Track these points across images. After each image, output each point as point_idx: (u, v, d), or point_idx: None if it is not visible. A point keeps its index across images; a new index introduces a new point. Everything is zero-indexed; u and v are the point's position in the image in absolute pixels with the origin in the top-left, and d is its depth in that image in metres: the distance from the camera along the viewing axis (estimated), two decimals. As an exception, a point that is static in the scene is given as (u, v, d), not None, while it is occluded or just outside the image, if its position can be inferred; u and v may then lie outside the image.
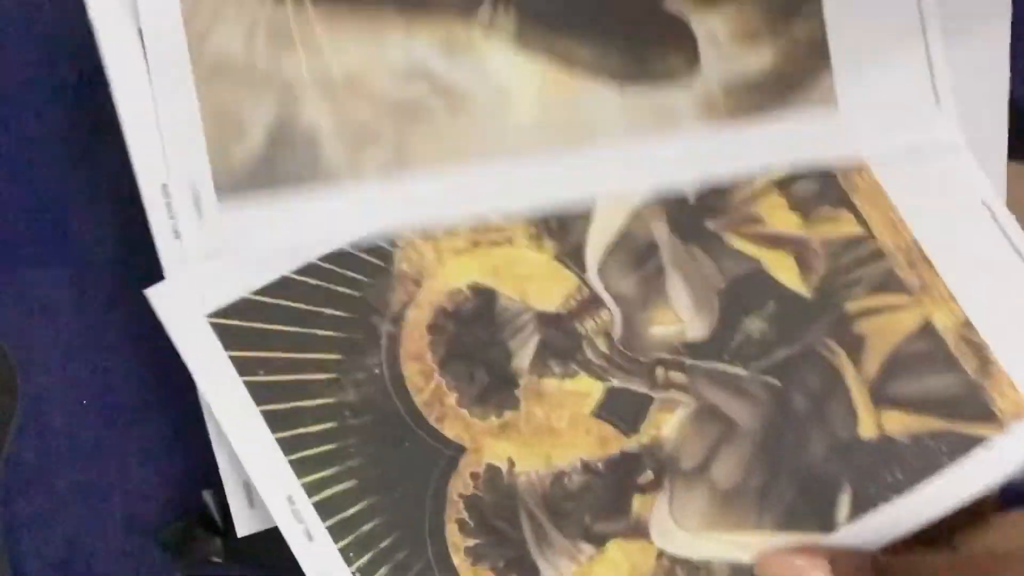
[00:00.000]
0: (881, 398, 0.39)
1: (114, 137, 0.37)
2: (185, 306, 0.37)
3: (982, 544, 0.37)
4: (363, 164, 0.38)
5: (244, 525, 0.37)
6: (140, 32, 0.36)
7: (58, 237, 0.41)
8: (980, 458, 0.38)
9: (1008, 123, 0.42)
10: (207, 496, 0.40)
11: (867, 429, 0.39)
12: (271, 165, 0.38)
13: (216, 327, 0.37)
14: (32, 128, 0.41)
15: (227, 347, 0.37)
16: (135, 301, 0.37)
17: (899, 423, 0.39)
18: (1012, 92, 0.42)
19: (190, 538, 0.38)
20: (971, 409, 0.39)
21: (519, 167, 0.39)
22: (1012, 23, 0.42)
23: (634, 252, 0.40)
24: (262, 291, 0.38)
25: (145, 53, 0.36)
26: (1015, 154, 0.42)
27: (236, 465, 0.37)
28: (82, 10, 0.36)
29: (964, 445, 0.39)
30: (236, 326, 0.37)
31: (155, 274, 0.37)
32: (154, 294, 0.37)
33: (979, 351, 0.40)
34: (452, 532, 0.37)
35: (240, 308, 0.37)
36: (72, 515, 0.39)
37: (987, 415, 0.39)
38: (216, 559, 0.39)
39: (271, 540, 0.36)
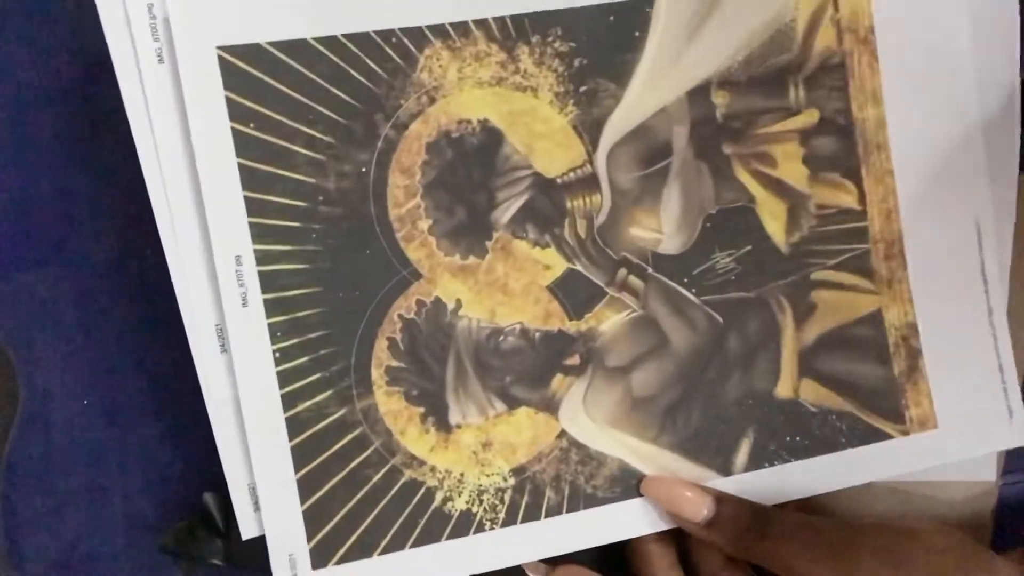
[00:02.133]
0: (807, 366, 0.41)
1: (114, 137, 0.35)
2: (199, 29, 0.35)
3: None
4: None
5: (248, 528, 0.37)
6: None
7: (59, 238, 0.39)
8: (876, 453, 0.41)
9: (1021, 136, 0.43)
10: (208, 498, 0.39)
11: (783, 389, 0.41)
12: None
13: (223, 61, 0.35)
14: (31, 128, 0.39)
15: (227, 86, 0.35)
16: (136, 302, 0.36)
17: (814, 393, 0.41)
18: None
19: (191, 540, 0.38)
20: (885, 405, 0.41)
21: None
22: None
23: (647, 148, 0.39)
24: (278, 44, 0.36)
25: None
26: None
27: (242, 469, 0.36)
28: (81, 9, 0.35)
29: (866, 435, 0.41)
30: (242, 68, 0.36)
31: (156, 274, 0.36)
32: (174, 6, 0.35)
33: (913, 356, 0.42)
34: (380, 347, 0.37)
35: (252, 52, 0.36)
36: (73, 515, 0.39)
37: (897, 417, 0.42)
38: (216, 561, 0.38)
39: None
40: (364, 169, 0.37)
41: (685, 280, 0.40)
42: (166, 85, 0.35)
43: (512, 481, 0.38)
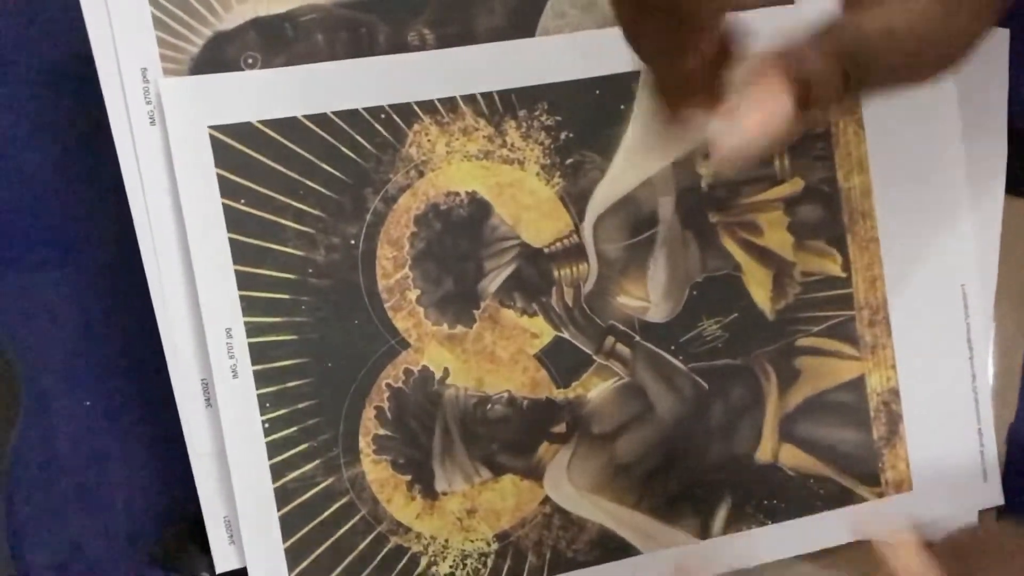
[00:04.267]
0: (788, 431, 0.42)
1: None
2: (191, 108, 0.36)
3: None
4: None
5: (224, 561, 0.37)
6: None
7: (60, 240, 0.40)
8: (850, 515, 0.42)
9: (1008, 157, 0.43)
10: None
11: (763, 454, 0.41)
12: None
13: (214, 140, 0.36)
14: (31, 130, 0.39)
15: (218, 164, 0.36)
16: (137, 303, 0.36)
17: (793, 458, 0.42)
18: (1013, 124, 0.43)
19: (181, 554, 0.38)
20: (862, 469, 0.42)
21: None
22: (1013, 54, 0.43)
23: (634, 218, 0.40)
24: (269, 123, 0.37)
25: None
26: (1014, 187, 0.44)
27: (218, 501, 0.37)
28: (79, 11, 0.35)
29: (842, 498, 0.42)
30: (234, 146, 0.36)
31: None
32: (167, 87, 0.35)
33: (893, 421, 0.42)
34: (368, 416, 0.38)
35: (243, 131, 0.36)
36: (74, 516, 0.39)
37: (874, 480, 0.42)
38: (205, 574, 0.39)
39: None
40: (353, 242, 0.38)
41: (672, 348, 0.41)
42: (157, 146, 0.36)
43: (495, 546, 0.39)
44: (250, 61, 0.37)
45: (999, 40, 0.43)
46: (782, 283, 0.41)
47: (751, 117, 0.27)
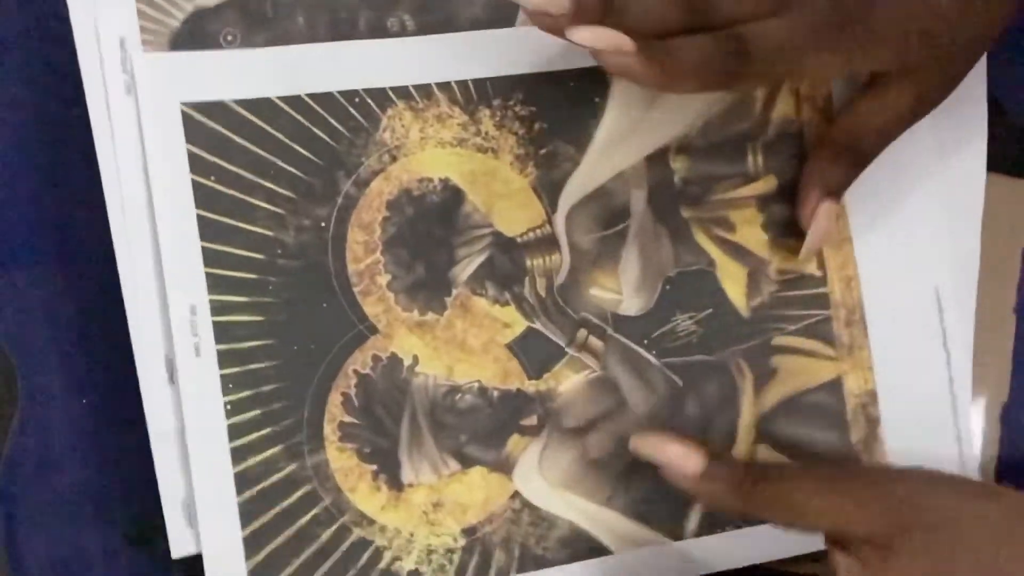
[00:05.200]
0: (764, 431, 0.41)
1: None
2: (165, 84, 0.36)
3: None
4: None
5: (180, 546, 0.36)
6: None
7: (57, 237, 0.40)
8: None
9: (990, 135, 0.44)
10: None
11: (738, 453, 0.40)
12: None
13: (186, 116, 0.36)
14: (29, 128, 0.40)
15: (189, 140, 0.36)
16: None
17: (769, 458, 0.40)
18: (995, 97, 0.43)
19: (155, 531, 0.37)
20: (840, 473, 0.41)
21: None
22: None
23: (606, 211, 0.40)
24: (243, 102, 0.37)
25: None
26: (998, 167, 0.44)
27: (177, 482, 0.36)
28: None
29: (820, 501, 0.41)
30: (205, 124, 0.36)
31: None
32: (141, 63, 0.35)
33: (871, 424, 0.41)
34: (334, 403, 0.37)
35: (215, 109, 0.36)
36: (72, 515, 0.39)
37: (851, 483, 0.41)
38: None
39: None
40: (324, 224, 0.37)
41: (645, 342, 0.40)
42: (132, 118, 0.36)
43: (462, 542, 0.38)
44: (229, 38, 0.37)
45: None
46: (757, 280, 0.41)
47: (819, 228, 0.39)
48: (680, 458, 0.36)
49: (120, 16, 0.36)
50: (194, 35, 0.37)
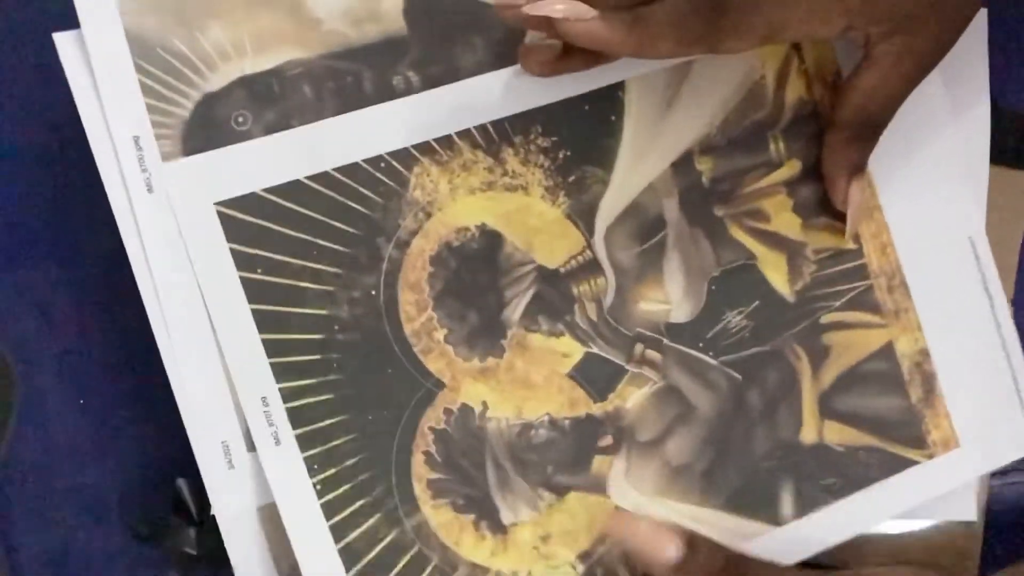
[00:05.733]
0: (827, 408, 0.42)
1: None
2: (195, 189, 0.36)
3: None
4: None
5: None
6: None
7: (55, 237, 0.40)
8: (906, 480, 0.42)
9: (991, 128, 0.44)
10: (181, 484, 0.40)
11: (808, 434, 0.42)
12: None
13: (222, 216, 0.36)
14: (28, 127, 0.40)
15: (229, 238, 0.36)
16: (133, 301, 0.36)
17: (838, 434, 0.42)
18: (996, 98, 0.44)
19: (164, 528, 0.38)
20: (907, 434, 0.42)
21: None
22: (996, 31, 0.44)
23: (642, 224, 0.40)
24: (273, 190, 0.37)
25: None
26: (997, 159, 0.45)
27: (257, 568, 0.37)
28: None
29: (894, 465, 0.42)
30: (242, 219, 0.37)
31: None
32: (169, 172, 0.36)
33: (928, 381, 0.43)
34: (418, 463, 0.38)
35: (249, 202, 0.37)
36: (69, 514, 0.39)
37: (920, 442, 0.42)
38: (189, 550, 0.39)
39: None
40: (373, 292, 0.38)
41: (700, 345, 0.41)
42: (156, 215, 0.36)
43: (581, 568, 0.39)
44: (240, 120, 0.37)
45: (978, 20, 0.43)
46: (797, 264, 0.42)
47: (854, 210, 0.41)
48: (654, 544, 0.34)
49: (131, 113, 0.36)
50: (206, 121, 0.37)
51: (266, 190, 0.37)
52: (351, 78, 0.38)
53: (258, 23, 0.37)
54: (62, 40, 0.36)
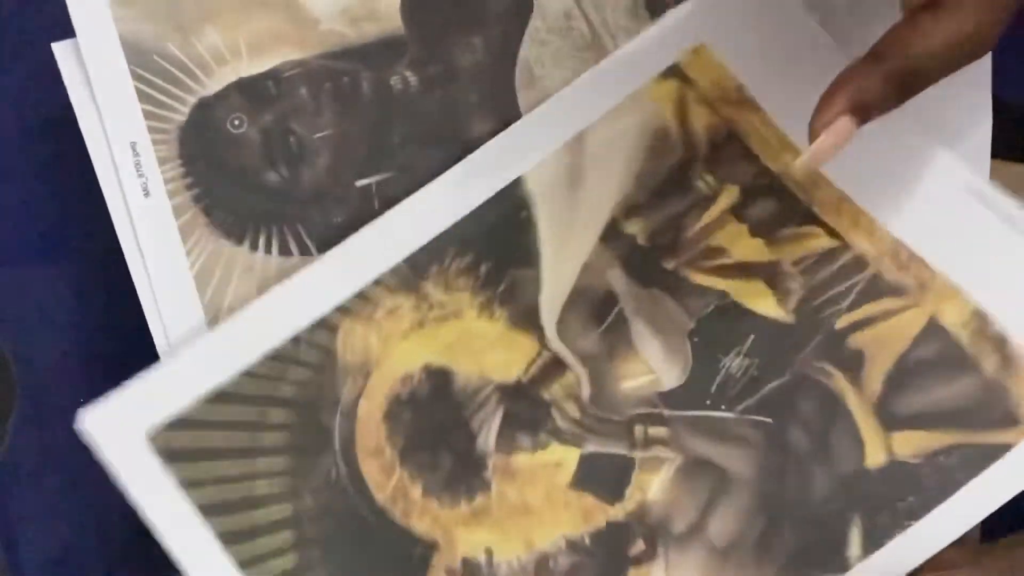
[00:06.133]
0: (888, 418, 0.35)
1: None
2: (121, 429, 0.35)
3: None
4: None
5: None
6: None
7: (56, 236, 0.41)
8: (1001, 469, 0.34)
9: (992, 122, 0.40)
10: None
11: (874, 457, 0.34)
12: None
13: (156, 447, 0.35)
14: (28, 126, 0.42)
15: (169, 466, 0.35)
16: (132, 300, 0.37)
17: (910, 444, 0.34)
18: (996, 92, 0.40)
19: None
20: (991, 415, 0.34)
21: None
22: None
23: (592, 306, 0.37)
24: (200, 406, 0.36)
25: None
26: (998, 152, 0.40)
27: None
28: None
29: (983, 457, 0.34)
30: (176, 446, 0.35)
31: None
32: (89, 420, 0.35)
33: (999, 345, 0.35)
34: (432, 639, 0.33)
35: (178, 425, 0.35)
36: (69, 513, 0.39)
37: (1010, 419, 0.34)
38: None
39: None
40: (333, 473, 0.35)
41: (708, 402, 0.36)
42: (153, 219, 0.37)
43: None
44: (236, 123, 0.38)
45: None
46: (780, 282, 0.37)
47: (825, 142, 0.32)
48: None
49: (127, 120, 0.37)
50: (201, 125, 0.37)
51: (193, 407, 0.36)
52: (348, 78, 0.39)
53: (254, 25, 0.38)
54: (61, 50, 0.38)
